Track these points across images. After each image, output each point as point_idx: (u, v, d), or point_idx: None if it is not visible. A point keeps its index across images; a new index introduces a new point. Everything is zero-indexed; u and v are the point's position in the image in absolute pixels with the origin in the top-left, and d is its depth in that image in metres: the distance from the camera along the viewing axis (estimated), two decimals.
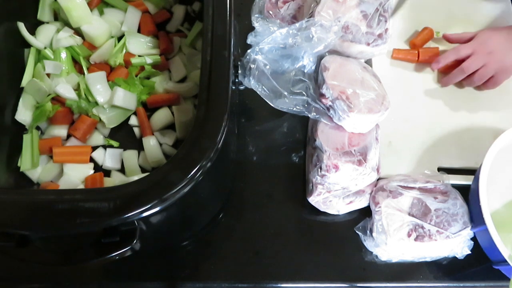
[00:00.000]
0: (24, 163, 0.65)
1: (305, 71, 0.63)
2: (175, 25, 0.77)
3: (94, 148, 0.68)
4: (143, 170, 0.68)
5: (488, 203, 0.59)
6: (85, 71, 0.71)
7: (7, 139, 0.66)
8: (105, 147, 0.69)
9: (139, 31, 0.76)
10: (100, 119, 0.68)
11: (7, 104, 0.67)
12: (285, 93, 0.61)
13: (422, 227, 0.61)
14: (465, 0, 0.85)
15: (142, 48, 0.74)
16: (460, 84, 0.77)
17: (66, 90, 0.68)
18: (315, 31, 0.61)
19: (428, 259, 0.64)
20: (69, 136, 0.69)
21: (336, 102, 0.60)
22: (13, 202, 0.44)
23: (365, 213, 0.66)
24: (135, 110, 0.70)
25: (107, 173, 0.68)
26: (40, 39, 0.72)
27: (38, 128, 0.69)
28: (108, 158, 0.68)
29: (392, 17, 0.66)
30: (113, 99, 0.67)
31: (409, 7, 0.83)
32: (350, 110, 0.60)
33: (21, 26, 0.70)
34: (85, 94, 0.69)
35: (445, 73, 0.76)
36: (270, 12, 0.70)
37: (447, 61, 0.73)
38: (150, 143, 0.68)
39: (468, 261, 0.63)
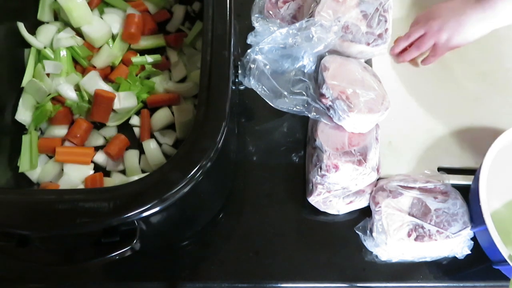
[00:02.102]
0: (23, 164, 0.65)
1: (305, 71, 0.63)
2: (175, 25, 0.77)
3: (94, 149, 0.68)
4: (143, 171, 0.68)
5: (488, 203, 0.59)
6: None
7: (7, 139, 0.66)
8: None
9: None
10: None
11: (7, 104, 0.67)
12: (285, 93, 0.61)
13: (422, 227, 0.61)
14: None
15: None
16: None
17: (67, 90, 0.68)
18: (315, 31, 0.61)
19: (428, 259, 0.64)
20: None
21: (336, 102, 0.60)
22: (13, 202, 0.44)
23: (365, 213, 0.66)
24: (140, 111, 0.70)
25: (107, 173, 0.68)
26: (40, 39, 0.72)
27: (38, 128, 0.69)
28: (108, 158, 0.68)
29: (392, 17, 0.66)
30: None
31: (409, 7, 0.83)
32: (350, 110, 0.60)
33: (21, 26, 0.70)
34: (86, 95, 0.69)
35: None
36: (270, 12, 0.70)
37: (401, 48, 0.75)
38: (151, 146, 0.68)
39: (468, 261, 0.63)
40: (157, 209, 0.45)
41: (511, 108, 0.76)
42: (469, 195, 0.64)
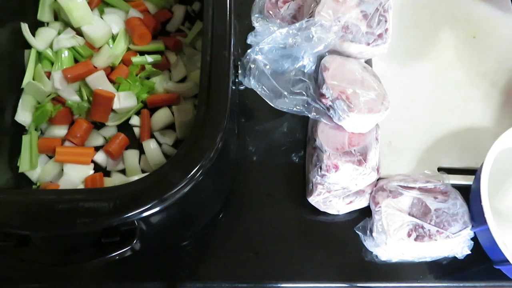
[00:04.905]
0: (23, 164, 0.65)
1: (305, 71, 0.63)
2: (175, 25, 0.77)
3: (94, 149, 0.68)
4: (143, 171, 0.68)
5: (489, 203, 0.59)
6: None
7: (7, 139, 0.66)
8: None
9: None
10: None
11: (7, 105, 0.67)
12: (285, 93, 0.61)
13: (422, 227, 0.61)
14: (465, 0, 0.85)
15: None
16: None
17: (68, 92, 0.68)
18: (315, 31, 0.61)
19: (428, 259, 0.64)
20: None
21: (336, 102, 0.60)
22: (13, 202, 0.44)
23: (365, 213, 0.66)
24: (140, 111, 0.70)
25: (107, 173, 0.68)
26: (40, 41, 0.71)
27: (37, 128, 0.69)
28: (108, 157, 0.68)
29: (392, 17, 0.66)
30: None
31: (408, 6, 0.83)
32: (350, 110, 0.60)
33: (24, 27, 0.70)
34: (86, 95, 0.69)
35: None
36: (270, 12, 0.70)
37: None
38: (151, 146, 0.68)
39: (468, 261, 0.63)
40: (157, 209, 0.45)
41: (511, 108, 0.76)
42: (470, 195, 0.64)
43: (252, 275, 0.63)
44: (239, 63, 0.61)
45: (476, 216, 0.61)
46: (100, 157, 0.68)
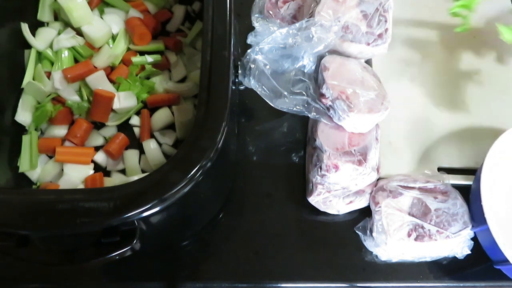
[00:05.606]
0: (23, 164, 0.65)
1: (305, 71, 0.63)
2: (175, 25, 0.77)
3: (95, 149, 0.68)
4: (143, 171, 0.68)
5: (489, 203, 0.59)
6: None
7: (7, 139, 0.66)
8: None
9: None
10: None
11: (7, 105, 0.67)
12: (285, 93, 0.61)
13: (422, 227, 0.61)
14: None
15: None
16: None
17: (68, 92, 0.68)
18: (315, 31, 0.61)
19: (428, 259, 0.64)
20: None
21: (336, 102, 0.60)
22: (13, 202, 0.44)
23: (365, 213, 0.66)
24: (140, 111, 0.70)
25: (107, 173, 0.68)
26: (40, 41, 0.71)
27: (38, 128, 0.69)
28: (108, 157, 0.68)
29: (392, 17, 0.66)
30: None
31: (408, 6, 0.83)
32: (350, 110, 0.60)
33: (25, 27, 0.70)
34: (86, 95, 0.69)
35: None
36: (270, 12, 0.70)
37: None
38: (151, 146, 0.68)
39: (468, 261, 0.63)
40: (157, 209, 0.45)
41: (511, 108, 0.76)
42: (470, 195, 0.64)
43: (252, 275, 0.63)
44: (239, 63, 0.61)
45: (476, 216, 0.61)
46: (100, 157, 0.68)
